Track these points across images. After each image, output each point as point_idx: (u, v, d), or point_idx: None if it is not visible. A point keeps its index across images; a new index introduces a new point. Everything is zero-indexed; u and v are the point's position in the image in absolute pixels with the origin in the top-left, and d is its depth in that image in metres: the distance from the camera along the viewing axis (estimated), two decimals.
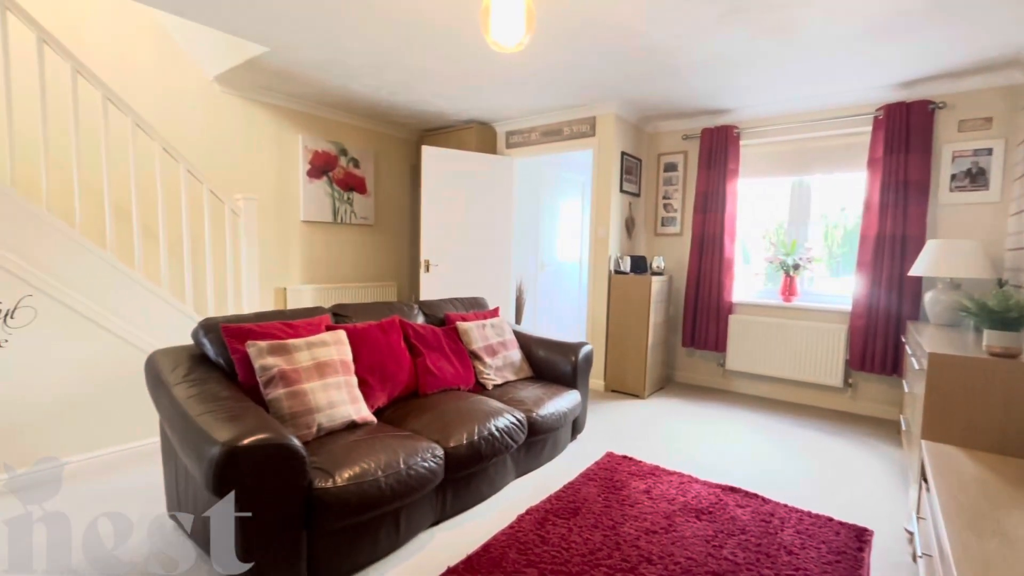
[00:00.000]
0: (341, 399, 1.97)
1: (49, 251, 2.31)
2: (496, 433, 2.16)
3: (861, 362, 3.48)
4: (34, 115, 2.67)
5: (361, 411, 2.03)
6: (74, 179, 2.47)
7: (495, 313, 3.14)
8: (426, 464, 1.85)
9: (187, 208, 2.86)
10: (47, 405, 2.34)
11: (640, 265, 4.13)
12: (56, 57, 2.48)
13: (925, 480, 1.68)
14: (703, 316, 4.14)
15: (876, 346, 3.40)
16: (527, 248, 5.08)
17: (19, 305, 2.25)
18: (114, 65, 3.09)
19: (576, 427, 2.93)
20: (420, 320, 2.83)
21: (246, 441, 1.40)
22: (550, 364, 2.96)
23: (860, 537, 1.99)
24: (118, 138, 2.92)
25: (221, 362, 1.95)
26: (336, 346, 2.08)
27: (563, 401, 2.66)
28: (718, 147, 3.99)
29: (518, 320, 4.98)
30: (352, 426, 1.98)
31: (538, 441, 2.53)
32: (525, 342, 3.10)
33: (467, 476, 2.11)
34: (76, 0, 2.93)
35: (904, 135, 3.26)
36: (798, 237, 3.93)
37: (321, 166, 4.22)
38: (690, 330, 4.22)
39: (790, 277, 3.90)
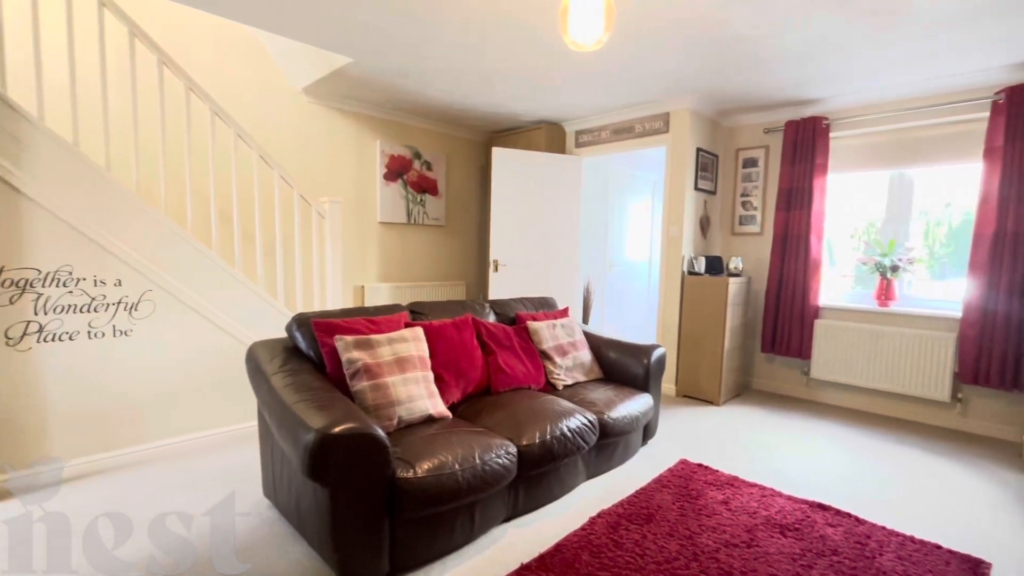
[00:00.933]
0: (419, 393, 2.04)
1: (165, 251, 2.58)
2: (568, 434, 2.16)
3: (974, 375, 3.13)
4: (154, 130, 3.00)
5: (437, 406, 2.10)
6: (186, 186, 2.74)
7: (565, 313, 3.13)
8: (500, 460, 1.88)
9: (279, 211, 3.08)
10: (162, 389, 2.62)
11: (716, 266, 3.95)
12: (172, 76, 2.77)
13: None
14: (785, 320, 3.89)
15: (993, 358, 3.04)
16: (595, 247, 5.02)
17: (141, 299, 2.53)
18: (219, 81, 3.39)
19: (648, 432, 2.85)
20: (491, 319, 2.88)
21: (337, 429, 1.49)
22: (621, 366, 2.90)
23: (975, 569, 1.79)
24: (220, 147, 3.21)
25: (311, 354, 2.09)
26: (414, 342, 2.17)
27: (635, 404, 2.61)
28: (804, 140, 3.74)
29: (585, 320, 4.93)
30: (429, 420, 2.05)
31: (609, 444, 2.49)
32: (595, 343, 3.07)
33: (539, 475, 2.12)
34: (188, 23, 3.25)
35: None
36: (896, 236, 3.59)
37: (397, 169, 4.40)
38: (770, 335, 3.99)
39: (887, 280, 3.58)
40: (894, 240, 3.57)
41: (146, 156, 3.02)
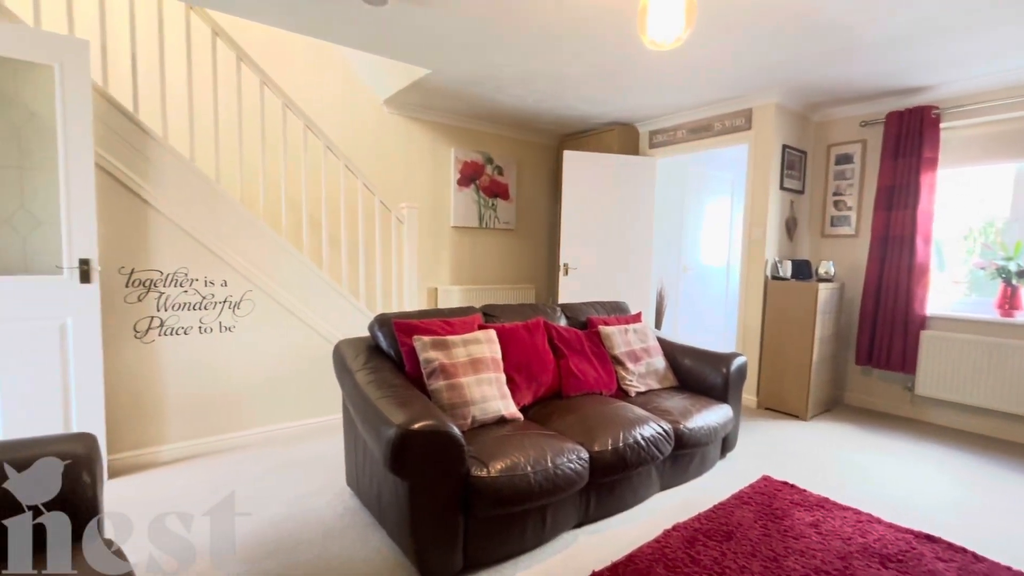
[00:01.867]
0: (492, 394, 2.08)
1: (264, 255, 2.82)
2: (641, 442, 2.10)
3: None
4: (256, 143, 3.29)
5: (509, 407, 2.13)
6: (281, 194, 2.98)
7: (638, 318, 3.05)
8: (572, 465, 1.87)
9: (362, 217, 3.26)
10: (258, 381, 2.86)
11: (803, 270, 3.69)
12: (272, 95, 3.03)
13: None
14: (884, 330, 3.55)
15: None
16: (669, 250, 4.85)
17: (243, 298, 2.78)
18: (310, 96, 3.66)
19: (726, 444, 2.72)
20: (562, 322, 2.87)
21: (417, 425, 1.55)
22: (697, 374, 2.79)
23: None
24: (311, 158, 3.45)
25: (392, 353, 2.19)
26: (488, 344, 2.21)
27: (713, 415, 2.49)
28: (910, 133, 3.39)
29: (658, 325, 4.78)
30: (501, 421, 2.08)
31: (685, 455, 2.40)
32: (669, 350, 2.97)
33: (611, 482, 2.08)
34: (284, 44, 3.54)
35: None
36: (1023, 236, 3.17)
37: (470, 175, 4.51)
38: (867, 346, 3.65)
39: (1012, 287, 3.16)
40: (1021, 242, 3.15)
41: (248, 171, 3.32)
